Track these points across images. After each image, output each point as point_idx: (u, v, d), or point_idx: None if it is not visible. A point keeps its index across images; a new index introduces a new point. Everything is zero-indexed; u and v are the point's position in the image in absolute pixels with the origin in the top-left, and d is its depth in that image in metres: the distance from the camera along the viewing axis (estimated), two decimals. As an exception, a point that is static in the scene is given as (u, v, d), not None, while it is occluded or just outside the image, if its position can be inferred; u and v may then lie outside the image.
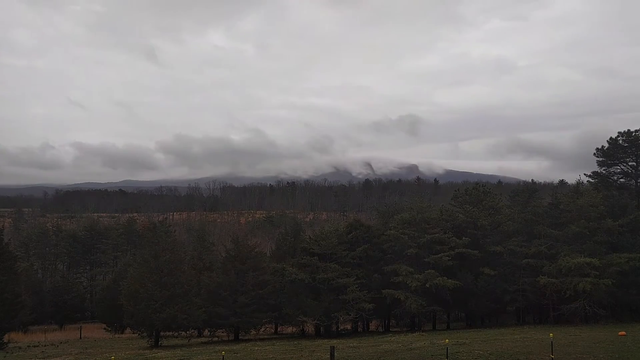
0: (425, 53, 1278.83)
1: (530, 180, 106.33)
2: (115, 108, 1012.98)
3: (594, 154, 55.93)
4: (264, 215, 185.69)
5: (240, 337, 45.55)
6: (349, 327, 50.67)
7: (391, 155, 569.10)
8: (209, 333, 46.88)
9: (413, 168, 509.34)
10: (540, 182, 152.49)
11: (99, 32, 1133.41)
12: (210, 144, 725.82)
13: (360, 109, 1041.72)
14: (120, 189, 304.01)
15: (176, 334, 44.05)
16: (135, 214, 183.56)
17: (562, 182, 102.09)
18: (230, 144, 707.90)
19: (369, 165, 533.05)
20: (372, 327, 53.82)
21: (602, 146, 55.16)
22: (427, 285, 43.59)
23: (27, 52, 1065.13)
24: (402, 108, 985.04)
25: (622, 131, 54.37)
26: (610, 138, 54.83)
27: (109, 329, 60.93)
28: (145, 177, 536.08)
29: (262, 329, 48.06)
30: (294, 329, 50.00)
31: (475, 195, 55.66)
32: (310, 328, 47.09)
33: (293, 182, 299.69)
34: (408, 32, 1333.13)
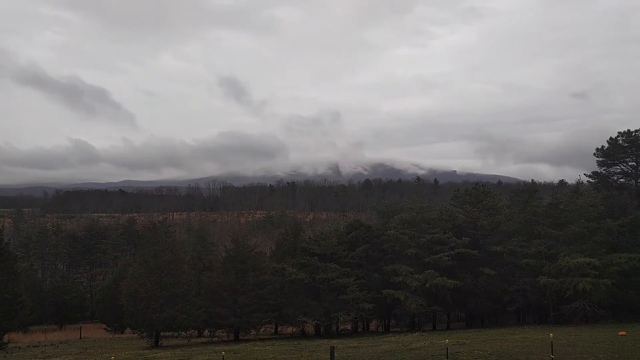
0: (356, 72, 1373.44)
1: (530, 180, 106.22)
2: (107, 112, 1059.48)
3: (594, 154, 55.97)
4: (264, 215, 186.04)
5: (240, 337, 45.54)
6: (349, 327, 50.66)
7: (358, 158, 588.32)
8: (209, 333, 46.89)
9: (377, 167, 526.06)
10: (540, 182, 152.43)
11: (69, 55, 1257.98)
12: (195, 146, 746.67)
13: (317, 117, 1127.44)
14: (120, 189, 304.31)
15: (176, 334, 44.08)
16: (135, 214, 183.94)
17: (562, 182, 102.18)
18: (212, 146, 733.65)
19: (336, 165, 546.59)
20: (372, 327, 53.80)
21: (602, 146, 55.19)
22: (427, 285, 43.60)
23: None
24: (356, 117, 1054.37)
25: (622, 131, 54.46)
26: (610, 138, 54.86)
27: (109, 329, 60.98)
28: (145, 177, 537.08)
29: (262, 329, 48.03)
30: (294, 329, 50.02)
31: (475, 195, 55.71)
32: (310, 328, 47.10)
33: (293, 182, 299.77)
34: (331, 56, 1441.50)
